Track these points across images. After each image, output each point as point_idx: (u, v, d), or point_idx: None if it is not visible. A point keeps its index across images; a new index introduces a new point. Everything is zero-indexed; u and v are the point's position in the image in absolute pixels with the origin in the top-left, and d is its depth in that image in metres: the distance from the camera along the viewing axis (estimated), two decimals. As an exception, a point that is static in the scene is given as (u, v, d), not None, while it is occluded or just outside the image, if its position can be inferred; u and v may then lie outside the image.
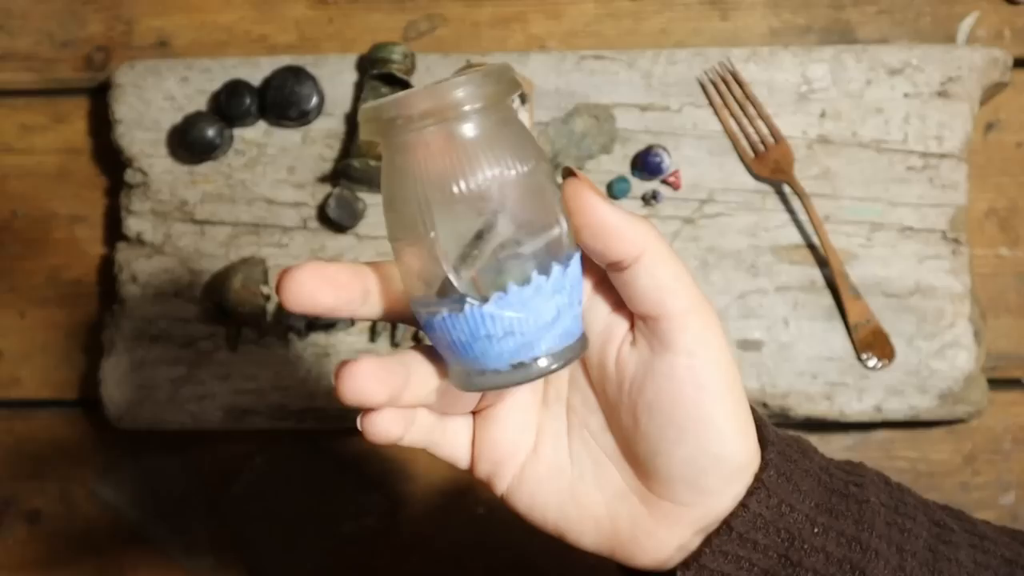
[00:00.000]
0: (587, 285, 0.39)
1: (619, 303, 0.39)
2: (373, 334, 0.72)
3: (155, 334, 0.73)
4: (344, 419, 0.72)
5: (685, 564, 0.39)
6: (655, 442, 0.38)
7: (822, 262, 0.71)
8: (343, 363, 0.34)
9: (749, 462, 0.39)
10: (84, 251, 0.78)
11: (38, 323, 0.77)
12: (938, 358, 0.70)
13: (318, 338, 0.72)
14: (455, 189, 0.33)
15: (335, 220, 0.72)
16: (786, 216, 0.72)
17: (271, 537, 0.75)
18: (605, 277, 0.38)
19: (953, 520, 0.43)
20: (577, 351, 0.36)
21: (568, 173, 0.36)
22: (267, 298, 0.72)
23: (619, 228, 0.35)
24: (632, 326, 0.39)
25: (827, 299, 0.71)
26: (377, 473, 0.75)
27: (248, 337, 0.72)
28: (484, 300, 0.34)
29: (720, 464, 0.38)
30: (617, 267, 0.37)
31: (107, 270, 0.77)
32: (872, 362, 0.69)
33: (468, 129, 0.34)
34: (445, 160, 0.33)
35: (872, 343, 0.70)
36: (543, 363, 0.35)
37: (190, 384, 0.72)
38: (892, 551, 0.39)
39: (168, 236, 0.74)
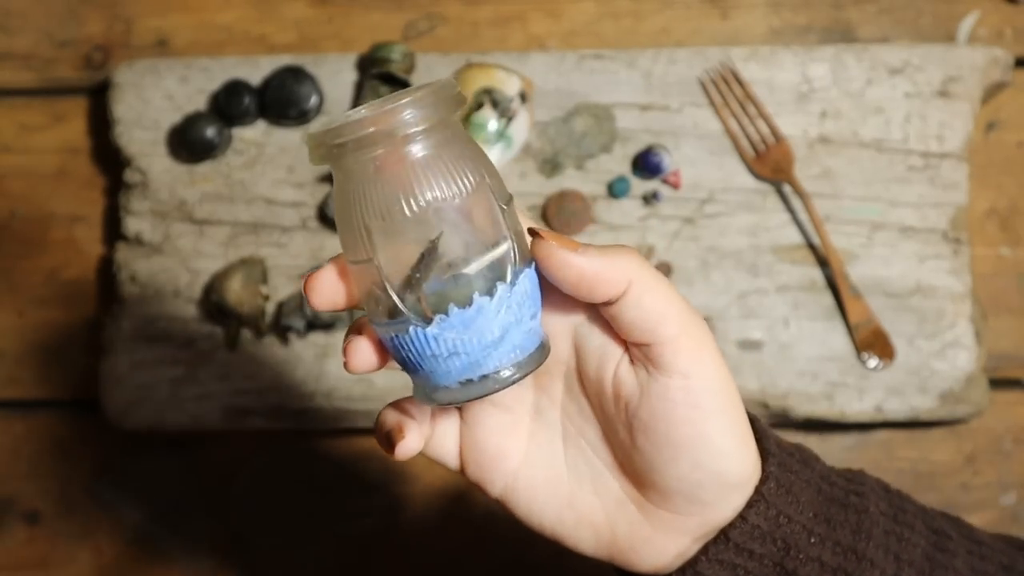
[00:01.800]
0: (582, 304, 0.39)
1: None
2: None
3: (154, 334, 0.73)
4: (344, 419, 0.72)
5: (681, 570, 0.39)
6: (651, 459, 0.38)
7: (822, 262, 0.71)
8: (392, 444, 0.38)
9: (749, 476, 0.39)
10: (83, 251, 0.78)
11: (37, 323, 0.77)
12: (939, 358, 0.69)
13: (318, 338, 0.72)
14: (394, 216, 0.34)
15: (334, 220, 0.72)
16: (786, 216, 0.72)
17: (271, 537, 0.75)
18: None
19: (951, 527, 0.43)
20: (530, 366, 0.36)
21: (532, 234, 0.36)
22: (266, 298, 0.72)
23: (599, 273, 0.35)
24: (627, 347, 0.39)
25: (827, 299, 0.71)
26: (377, 473, 0.75)
27: (248, 337, 0.72)
28: (428, 322, 0.34)
29: (718, 479, 0.38)
30: (605, 305, 0.37)
31: (106, 270, 0.77)
32: (872, 362, 0.69)
33: (408, 154, 0.34)
34: (384, 188, 0.34)
35: (872, 343, 0.70)
36: (490, 381, 0.36)
37: (189, 384, 0.72)
38: (889, 559, 0.40)
39: (167, 236, 0.74)
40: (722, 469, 0.38)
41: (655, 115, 0.73)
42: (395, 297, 0.34)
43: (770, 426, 0.43)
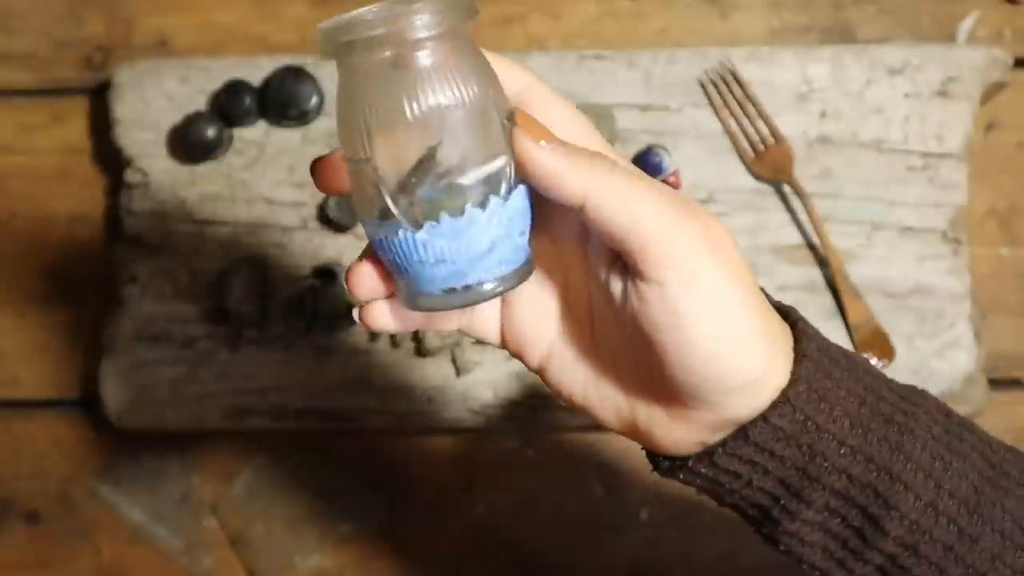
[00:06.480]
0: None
1: None
2: (372, 335, 0.72)
3: (155, 334, 0.73)
4: (344, 419, 0.72)
5: (698, 457, 0.40)
6: (647, 358, 0.38)
7: (822, 262, 0.71)
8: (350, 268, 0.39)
9: (763, 377, 0.38)
10: (83, 251, 0.78)
11: (38, 323, 0.77)
12: (938, 358, 0.70)
13: (318, 338, 0.72)
14: (396, 119, 0.34)
15: (335, 220, 0.72)
16: (786, 216, 0.72)
17: (271, 537, 0.75)
18: None
19: (1018, 465, 0.42)
20: (512, 281, 0.37)
21: (511, 117, 0.36)
22: (267, 298, 0.72)
23: (557, 176, 0.35)
24: None
25: (827, 299, 0.71)
26: (377, 473, 0.75)
27: (248, 337, 0.72)
28: (418, 227, 0.35)
29: (715, 383, 0.37)
30: (570, 209, 0.37)
31: (106, 270, 0.77)
32: (872, 362, 0.69)
33: (417, 58, 0.34)
34: (389, 88, 0.34)
35: (872, 343, 0.70)
36: (472, 293, 0.36)
37: (190, 384, 0.72)
38: (929, 485, 0.39)
39: (168, 236, 0.74)
40: (715, 374, 0.37)
41: (655, 115, 0.73)
42: (388, 199, 0.35)
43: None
